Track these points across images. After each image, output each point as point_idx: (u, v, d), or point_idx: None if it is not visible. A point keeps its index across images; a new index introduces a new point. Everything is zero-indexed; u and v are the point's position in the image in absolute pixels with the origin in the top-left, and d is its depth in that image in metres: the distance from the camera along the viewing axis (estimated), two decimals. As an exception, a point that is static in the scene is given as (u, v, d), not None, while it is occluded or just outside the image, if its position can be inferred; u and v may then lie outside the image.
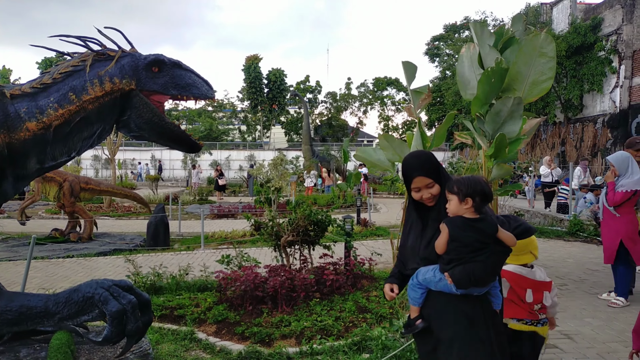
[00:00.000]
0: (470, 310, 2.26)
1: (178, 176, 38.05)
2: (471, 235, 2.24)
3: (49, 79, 3.41)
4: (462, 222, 2.26)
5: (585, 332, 4.57)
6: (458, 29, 35.33)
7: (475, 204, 2.26)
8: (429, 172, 2.38)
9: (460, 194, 2.26)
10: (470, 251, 2.23)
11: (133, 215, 15.83)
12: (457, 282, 2.22)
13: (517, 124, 6.38)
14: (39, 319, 2.98)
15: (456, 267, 2.23)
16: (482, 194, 2.27)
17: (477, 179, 2.31)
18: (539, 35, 5.83)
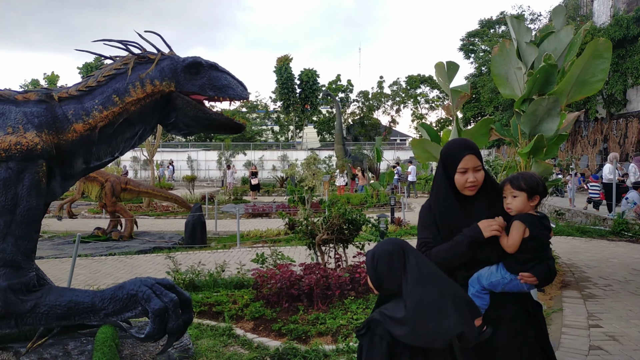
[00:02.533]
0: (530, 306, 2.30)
1: (213, 176, 38.72)
2: (545, 233, 2.26)
3: (94, 82, 3.55)
4: (536, 220, 2.26)
5: (632, 334, 4.40)
6: (494, 24, 34.58)
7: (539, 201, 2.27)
8: (479, 153, 2.31)
9: (531, 190, 2.25)
10: (544, 249, 2.26)
11: (171, 215, 16.23)
12: (543, 280, 2.24)
13: (555, 122, 6.18)
14: (85, 314, 3.10)
15: (537, 266, 2.23)
16: (545, 190, 2.30)
17: (537, 175, 2.32)
18: (598, 40, 5.65)
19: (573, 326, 4.72)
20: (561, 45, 6.41)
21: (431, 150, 7.17)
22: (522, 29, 6.80)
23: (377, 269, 1.94)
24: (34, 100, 3.32)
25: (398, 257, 1.89)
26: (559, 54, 6.40)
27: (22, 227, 2.99)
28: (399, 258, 1.89)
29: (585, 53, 5.82)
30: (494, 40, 29.45)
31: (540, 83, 6.14)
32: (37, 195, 3.10)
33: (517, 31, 6.75)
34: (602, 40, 5.78)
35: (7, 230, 2.96)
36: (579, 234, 10.65)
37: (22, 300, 2.96)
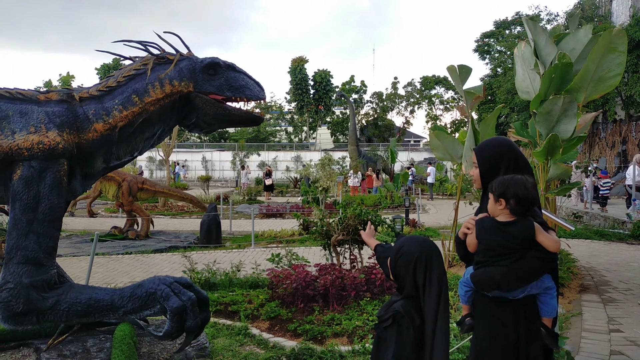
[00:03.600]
0: (502, 314, 2.20)
1: (227, 177, 38.93)
2: (495, 240, 2.17)
3: (114, 82, 3.59)
4: (490, 224, 2.22)
5: None
6: (509, 25, 34.21)
7: (510, 207, 2.18)
8: (479, 152, 2.43)
9: (495, 193, 2.22)
10: (494, 255, 2.18)
11: (186, 215, 16.35)
12: (475, 283, 2.22)
13: (572, 123, 6.09)
14: (105, 312, 3.14)
15: (479, 270, 2.22)
16: (516, 196, 2.17)
17: (518, 180, 2.21)
18: (611, 31, 5.54)
19: (593, 330, 4.64)
20: (579, 45, 6.32)
21: (446, 145, 7.13)
22: (539, 29, 6.72)
23: (397, 264, 1.94)
24: (55, 100, 3.37)
25: (421, 266, 1.88)
26: (577, 54, 6.31)
27: (43, 224, 3.04)
28: (421, 269, 1.88)
29: (599, 46, 5.69)
30: (510, 42, 29.14)
31: (556, 83, 6.06)
32: (58, 193, 3.14)
33: (534, 32, 6.68)
34: (615, 31, 5.66)
35: (30, 228, 3.01)
36: (597, 237, 10.48)
37: (44, 297, 3.00)
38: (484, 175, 2.39)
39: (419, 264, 1.88)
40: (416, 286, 1.89)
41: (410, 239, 2.01)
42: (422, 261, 1.88)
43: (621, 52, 5.69)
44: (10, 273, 2.95)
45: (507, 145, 2.40)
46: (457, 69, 6.75)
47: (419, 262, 1.89)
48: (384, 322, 1.93)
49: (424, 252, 1.91)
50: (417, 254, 1.91)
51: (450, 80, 38.52)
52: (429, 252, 1.91)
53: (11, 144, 3.08)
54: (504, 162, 2.33)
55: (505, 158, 2.34)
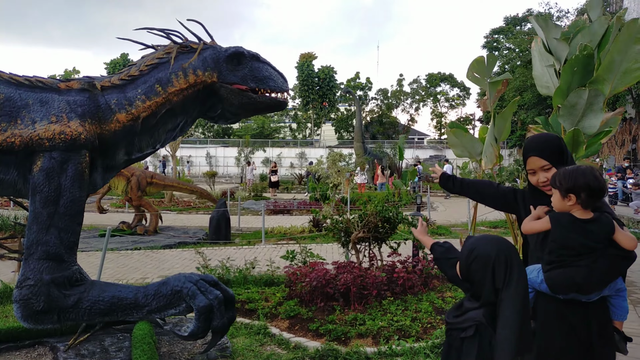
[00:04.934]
0: (573, 317, 2.04)
1: (232, 173, 38.81)
2: (576, 238, 2.00)
3: (136, 71, 3.45)
4: (569, 221, 2.03)
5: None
6: (520, 22, 33.94)
7: (581, 201, 2.01)
8: (543, 153, 2.20)
9: (562, 188, 2.03)
10: (573, 255, 2.01)
11: (193, 210, 16.23)
12: (552, 286, 2.03)
13: (598, 117, 5.90)
14: (128, 310, 3.00)
15: (556, 270, 2.03)
16: (587, 188, 1.99)
17: (584, 170, 2.04)
18: (637, 21, 5.36)
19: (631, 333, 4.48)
20: (596, 37, 6.13)
21: (465, 142, 6.95)
22: (550, 25, 6.54)
23: (471, 268, 1.78)
24: (76, 89, 3.23)
25: (500, 269, 1.71)
26: (593, 46, 6.13)
27: (65, 219, 2.90)
28: (500, 271, 1.71)
29: (622, 37, 5.52)
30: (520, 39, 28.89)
31: (579, 75, 5.88)
32: (80, 186, 3.00)
33: (545, 29, 6.49)
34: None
35: (50, 222, 2.87)
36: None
37: (65, 295, 2.86)
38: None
39: (498, 265, 1.72)
40: (495, 291, 1.71)
41: (482, 238, 1.84)
42: (501, 262, 1.72)
43: None
44: (30, 269, 2.82)
45: (559, 137, 2.27)
46: (485, 59, 6.56)
47: (497, 263, 1.72)
48: (462, 331, 1.76)
49: (501, 252, 1.74)
50: (494, 255, 1.73)
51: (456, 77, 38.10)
52: (507, 251, 1.75)
53: (32, 133, 2.93)
54: (565, 155, 2.20)
55: (565, 150, 2.20)
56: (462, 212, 15.17)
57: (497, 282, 1.71)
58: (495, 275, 1.71)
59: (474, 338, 1.70)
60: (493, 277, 1.71)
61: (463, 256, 1.83)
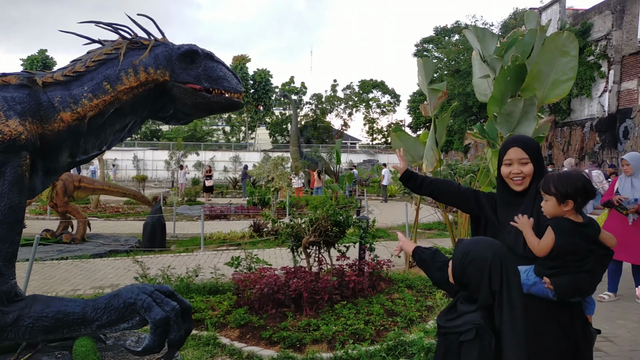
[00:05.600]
0: (560, 316, 2.13)
1: (161, 177, 37.39)
2: (579, 243, 2.06)
3: (82, 67, 3.20)
4: (570, 226, 2.08)
5: (623, 335, 4.51)
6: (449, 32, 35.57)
7: (577, 205, 2.10)
8: (527, 147, 2.25)
9: (559, 195, 2.08)
10: (577, 259, 2.07)
11: (122, 216, 15.42)
12: (562, 292, 2.07)
13: (532, 124, 6.30)
14: (76, 326, 2.75)
15: (561, 277, 2.07)
16: (584, 192, 2.08)
17: (577, 175, 2.12)
18: (562, 34, 5.76)
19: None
20: (528, 48, 6.55)
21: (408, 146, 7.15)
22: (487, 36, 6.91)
23: (466, 272, 1.78)
24: (14, 85, 2.93)
25: (496, 272, 1.72)
26: (526, 57, 6.54)
27: (3, 228, 2.61)
28: (496, 274, 1.72)
29: (550, 48, 5.89)
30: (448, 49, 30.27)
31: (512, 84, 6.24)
32: (19, 191, 2.72)
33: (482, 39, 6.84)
34: (565, 34, 5.87)
35: (-15, 231, 2.57)
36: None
37: (3, 312, 2.57)
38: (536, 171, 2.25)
39: (494, 268, 1.73)
40: (492, 293, 1.72)
41: (476, 242, 1.84)
42: (497, 265, 1.73)
43: (573, 57, 5.90)
44: (-39, 285, 2.51)
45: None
46: (423, 63, 6.78)
47: (493, 266, 1.73)
48: (460, 334, 1.75)
49: (497, 255, 1.75)
50: (489, 257, 1.74)
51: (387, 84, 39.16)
52: (501, 254, 1.76)
53: (-37, 133, 2.62)
54: (542, 158, 2.29)
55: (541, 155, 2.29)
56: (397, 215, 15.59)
57: (493, 284, 1.72)
58: (492, 277, 1.72)
59: (474, 341, 1.70)
60: (489, 279, 1.73)
61: (457, 259, 1.83)
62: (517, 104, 6.09)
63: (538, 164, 2.25)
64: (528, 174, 2.24)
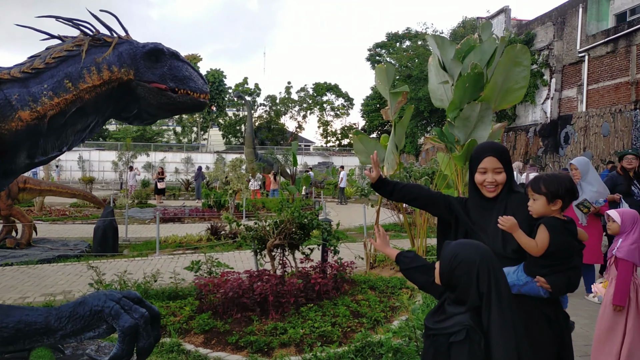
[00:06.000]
0: (548, 310, 2.24)
1: (109, 178, 35.99)
2: (569, 240, 2.18)
3: (41, 64, 3.04)
4: (560, 225, 2.18)
5: (577, 331, 4.74)
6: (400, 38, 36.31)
7: (564, 205, 2.21)
8: (501, 157, 2.32)
9: (549, 194, 2.18)
10: (568, 256, 2.18)
11: (69, 219, 14.72)
12: (557, 290, 2.17)
13: (487, 129, 6.57)
14: (38, 337, 2.60)
15: (555, 275, 2.16)
16: (571, 193, 2.20)
17: (564, 176, 2.24)
18: (516, 46, 6.04)
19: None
20: (486, 56, 6.83)
21: (369, 149, 7.26)
22: (446, 43, 7.15)
23: (454, 274, 1.81)
24: (-32, 81, 2.75)
25: (484, 274, 1.75)
26: (483, 64, 6.81)
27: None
28: (484, 275, 1.75)
29: (505, 60, 6.21)
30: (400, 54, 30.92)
31: (470, 91, 6.48)
32: (-26, 194, 2.55)
33: (441, 46, 7.08)
34: (519, 47, 6.20)
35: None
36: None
37: (-42, 324, 2.40)
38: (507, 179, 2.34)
39: (482, 271, 1.76)
40: (480, 295, 1.76)
41: (462, 244, 1.88)
42: (485, 268, 1.77)
43: (526, 67, 6.24)
44: None
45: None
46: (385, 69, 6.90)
47: (481, 269, 1.76)
48: (450, 336, 1.77)
49: (484, 258, 1.79)
50: (477, 260, 1.77)
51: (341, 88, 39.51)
52: (488, 257, 1.80)
53: None
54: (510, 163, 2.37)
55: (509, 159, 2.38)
56: (353, 217, 15.77)
57: (481, 286, 1.76)
58: (480, 280, 1.76)
59: (464, 342, 1.73)
60: (477, 281, 1.76)
61: (445, 262, 1.86)
62: (474, 109, 6.33)
63: (509, 172, 2.35)
64: (501, 182, 2.33)
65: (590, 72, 18.71)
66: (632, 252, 3.34)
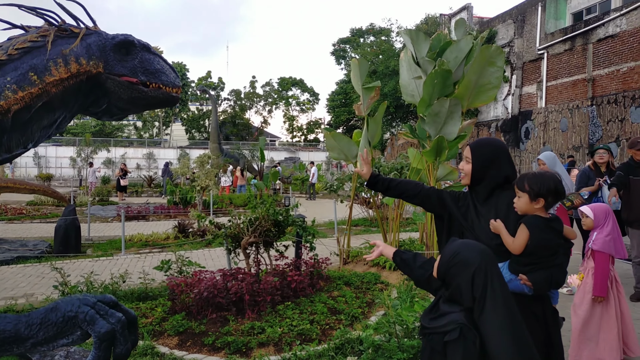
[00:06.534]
0: (534, 307, 2.25)
1: (66, 175, 34.70)
2: (552, 238, 2.19)
3: (3, 55, 2.85)
4: (543, 223, 2.19)
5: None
6: (363, 34, 36.47)
7: (547, 204, 2.22)
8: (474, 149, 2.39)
9: (532, 192, 2.20)
10: (550, 254, 2.20)
11: (27, 219, 14.08)
12: (539, 287, 2.18)
13: (457, 124, 6.65)
14: (7, 345, 2.45)
15: (537, 272, 2.17)
16: (555, 192, 2.21)
17: (549, 176, 2.25)
18: (490, 47, 6.13)
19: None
20: (461, 53, 6.92)
21: (342, 146, 7.25)
22: (420, 39, 7.21)
23: (450, 271, 1.78)
24: None
25: (479, 278, 1.72)
26: (459, 61, 6.90)
27: None
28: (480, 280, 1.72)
29: (479, 59, 6.32)
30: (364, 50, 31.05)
31: (439, 87, 6.56)
32: None
33: (416, 42, 7.12)
34: (494, 47, 6.31)
35: None
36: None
37: None
38: (476, 172, 2.37)
39: (478, 274, 1.73)
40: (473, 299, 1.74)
41: (466, 245, 1.84)
42: (482, 272, 1.73)
43: (499, 67, 6.35)
44: None
45: (503, 146, 2.44)
46: (358, 64, 6.87)
47: (478, 272, 1.73)
48: (444, 334, 1.75)
49: (484, 262, 1.74)
50: (476, 264, 1.73)
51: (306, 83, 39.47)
52: (489, 263, 1.76)
53: None
54: (498, 162, 2.36)
55: (500, 158, 2.37)
56: (322, 212, 15.75)
57: (475, 290, 1.73)
58: (474, 283, 1.73)
59: (459, 340, 1.71)
60: (472, 285, 1.74)
61: (444, 257, 1.84)
62: (443, 105, 6.39)
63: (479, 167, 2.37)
64: (467, 173, 2.40)
65: (549, 69, 19.33)
66: (608, 244, 3.45)
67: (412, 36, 6.77)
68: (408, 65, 7.27)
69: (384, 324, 4.06)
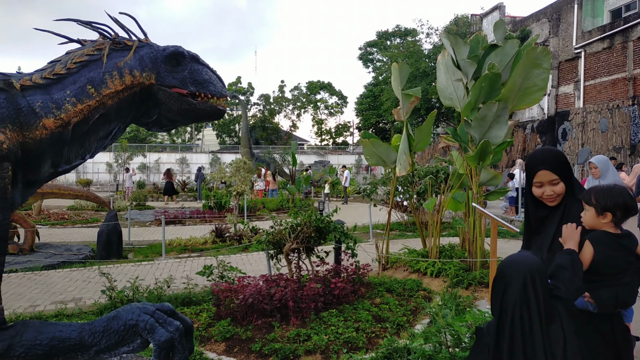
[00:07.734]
0: (601, 326, 2.15)
1: (103, 180, 35.66)
2: (618, 256, 2.09)
3: (63, 69, 2.93)
4: (608, 239, 2.10)
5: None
6: (390, 36, 36.24)
7: (616, 219, 2.12)
8: (554, 167, 2.25)
9: (599, 206, 2.11)
10: (617, 272, 2.09)
11: (68, 224, 14.53)
12: (602, 306, 2.09)
13: (503, 129, 6.51)
14: (72, 353, 2.51)
15: (602, 290, 2.09)
16: (624, 207, 2.11)
17: (619, 189, 2.16)
18: (537, 48, 5.98)
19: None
20: (506, 57, 6.78)
21: (381, 152, 7.20)
22: (460, 43, 7.10)
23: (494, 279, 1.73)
24: (-10, 88, 2.64)
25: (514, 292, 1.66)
26: (504, 65, 6.76)
27: (-13, 248, 2.34)
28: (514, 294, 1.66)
29: (525, 61, 6.17)
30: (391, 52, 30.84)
31: (485, 91, 6.43)
32: (3, 206, 2.45)
33: (455, 45, 7.02)
34: (540, 49, 6.16)
35: (-33, 253, 2.29)
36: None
37: (-7, 343, 2.30)
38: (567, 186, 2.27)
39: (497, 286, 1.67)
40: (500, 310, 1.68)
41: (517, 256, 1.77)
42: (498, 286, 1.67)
43: (545, 69, 6.18)
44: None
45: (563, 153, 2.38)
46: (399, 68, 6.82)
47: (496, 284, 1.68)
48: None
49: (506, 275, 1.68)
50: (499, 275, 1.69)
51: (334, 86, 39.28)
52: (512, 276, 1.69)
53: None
54: (571, 170, 2.31)
55: (570, 166, 2.31)
56: (355, 216, 15.68)
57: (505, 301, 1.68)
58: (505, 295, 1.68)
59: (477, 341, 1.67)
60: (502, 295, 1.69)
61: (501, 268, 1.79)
62: (490, 109, 6.26)
63: (568, 180, 2.28)
64: (560, 192, 2.28)
65: (587, 68, 18.78)
66: None
67: (451, 40, 6.68)
68: (445, 68, 7.16)
69: (433, 333, 3.98)
